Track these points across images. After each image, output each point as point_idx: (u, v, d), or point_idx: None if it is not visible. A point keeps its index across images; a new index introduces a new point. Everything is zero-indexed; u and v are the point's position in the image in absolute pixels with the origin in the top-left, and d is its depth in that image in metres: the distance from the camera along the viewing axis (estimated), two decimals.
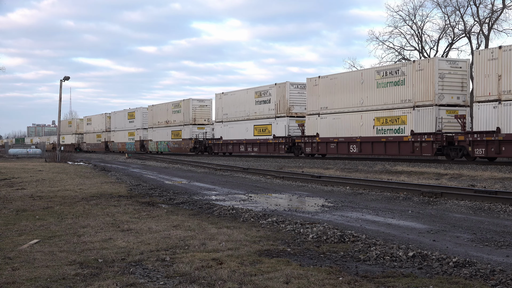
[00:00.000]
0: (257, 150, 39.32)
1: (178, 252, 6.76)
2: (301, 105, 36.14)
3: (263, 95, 38.77)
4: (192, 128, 47.91)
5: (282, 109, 36.66)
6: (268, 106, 38.20)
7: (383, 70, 28.98)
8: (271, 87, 37.92)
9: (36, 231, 8.51)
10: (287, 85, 36.44)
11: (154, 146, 54.94)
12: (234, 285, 5.27)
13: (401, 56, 50.75)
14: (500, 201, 11.46)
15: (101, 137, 70.59)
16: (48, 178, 20.74)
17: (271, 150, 37.44)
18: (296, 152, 35.51)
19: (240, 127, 41.36)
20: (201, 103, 48.83)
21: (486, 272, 5.67)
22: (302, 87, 36.37)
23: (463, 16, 47.85)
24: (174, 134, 50.85)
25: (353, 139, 30.17)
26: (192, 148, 47.13)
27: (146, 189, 15.66)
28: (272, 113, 37.74)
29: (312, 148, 33.37)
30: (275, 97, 37.25)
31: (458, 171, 20.24)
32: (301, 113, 36.16)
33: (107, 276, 5.64)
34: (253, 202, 12.56)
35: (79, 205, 11.83)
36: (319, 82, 33.00)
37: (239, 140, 41.20)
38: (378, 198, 13.02)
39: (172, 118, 51.41)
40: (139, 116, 59.33)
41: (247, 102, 40.60)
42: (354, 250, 6.91)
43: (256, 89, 39.92)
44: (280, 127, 36.85)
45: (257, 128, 39.38)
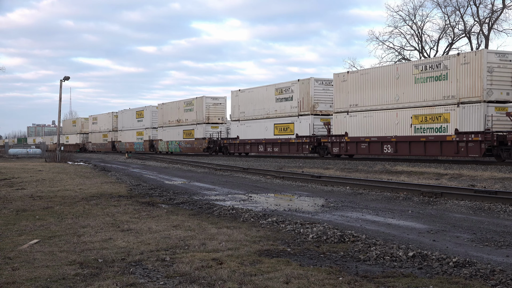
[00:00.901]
0: (277, 150, 36.94)
1: (178, 252, 6.76)
2: (326, 103, 34.03)
3: (285, 92, 36.43)
4: (205, 127, 45.85)
5: (306, 106, 34.32)
6: (290, 103, 35.85)
7: (422, 64, 26.59)
8: (294, 84, 35.63)
9: (36, 231, 8.51)
10: (311, 81, 34.09)
11: (164, 146, 52.83)
12: (234, 285, 5.27)
13: (401, 56, 50.78)
14: (500, 201, 11.45)
15: (107, 137, 68.46)
16: (48, 178, 20.74)
17: (293, 150, 35.12)
18: (321, 153, 33.26)
19: (258, 126, 38.99)
20: (215, 101, 46.76)
21: (486, 272, 5.67)
22: (327, 83, 34.28)
23: (463, 16, 47.88)
24: (186, 134, 48.95)
25: (387, 139, 27.89)
26: (205, 148, 45.17)
27: (146, 189, 15.66)
28: (294, 111, 35.37)
29: (340, 148, 31.06)
30: (298, 94, 34.94)
31: (458, 171, 20.24)
32: (326, 111, 34.03)
33: (107, 276, 5.64)
34: (253, 202, 12.56)
35: (79, 205, 11.83)
36: (348, 77, 30.64)
37: (257, 139, 38.85)
38: (378, 198, 13.02)
39: (184, 116, 49.40)
40: (148, 115, 57.12)
41: (267, 100, 38.27)
42: (354, 250, 6.91)
43: (276, 86, 37.57)
44: (303, 125, 34.52)
45: (278, 127, 37.00)
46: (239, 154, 42.50)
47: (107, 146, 68.09)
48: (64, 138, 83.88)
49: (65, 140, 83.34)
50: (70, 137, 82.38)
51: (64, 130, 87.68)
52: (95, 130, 73.21)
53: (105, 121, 69.81)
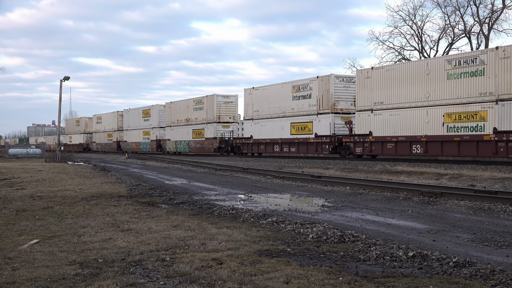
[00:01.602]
0: (294, 150, 35.21)
1: (178, 252, 6.76)
2: (347, 100, 32.62)
3: (303, 90, 34.67)
4: (216, 127, 44.36)
5: (326, 104, 32.74)
6: (308, 101, 34.11)
7: (456, 59, 24.85)
8: (312, 81, 33.91)
9: (36, 231, 8.52)
10: (331, 78, 32.52)
11: (172, 146, 51.24)
12: (234, 285, 5.27)
13: (401, 56, 50.80)
14: (500, 201, 11.46)
15: (112, 137, 66.90)
16: (48, 178, 20.74)
17: (312, 150, 33.49)
18: (342, 153, 31.59)
19: (274, 125, 37.26)
20: (226, 99, 45.27)
21: (486, 272, 5.67)
22: (348, 80, 32.91)
23: (463, 16, 47.91)
24: (195, 133, 47.40)
25: (416, 138, 26.21)
26: (216, 148, 43.62)
27: (146, 189, 15.66)
28: (313, 110, 33.66)
29: (363, 148, 29.35)
30: (317, 91, 33.29)
31: (458, 171, 20.24)
32: (346, 109, 32.64)
33: (107, 276, 5.64)
34: (253, 202, 12.56)
35: (79, 205, 11.83)
36: (373, 74, 28.93)
37: (273, 139, 37.12)
38: (378, 198, 13.02)
39: (194, 115, 47.75)
40: (155, 114, 55.38)
41: (283, 98, 36.50)
42: (354, 250, 6.91)
43: (293, 83, 35.77)
44: (323, 124, 32.91)
45: (295, 126, 35.23)
46: (251, 154, 40.89)
47: (112, 146, 66.66)
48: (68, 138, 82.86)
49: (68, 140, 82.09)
50: (74, 137, 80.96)
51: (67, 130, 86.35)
52: (100, 129, 71.69)
53: (110, 120, 68.27)
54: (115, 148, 65.37)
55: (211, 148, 44.47)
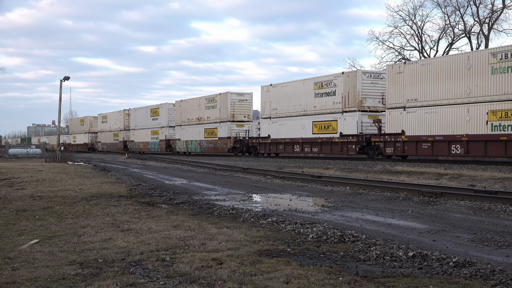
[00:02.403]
0: (317, 150, 33.34)
1: (178, 252, 6.76)
2: (374, 98, 30.75)
3: (326, 86, 32.64)
4: (230, 126, 42.33)
5: (352, 102, 30.77)
6: (332, 99, 32.15)
7: (503, 52, 22.90)
8: (337, 77, 32.00)
9: (36, 231, 8.52)
10: (358, 74, 30.64)
11: (183, 146, 49.21)
12: (234, 285, 5.27)
13: (401, 56, 50.81)
14: (500, 201, 11.46)
15: (118, 136, 64.57)
16: (48, 178, 20.74)
17: (337, 150, 31.59)
18: (370, 154, 29.63)
19: (294, 124, 35.24)
20: (241, 97, 43.16)
21: (486, 272, 5.67)
22: (375, 76, 31.07)
23: (463, 16, 47.92)
24: (208, 133, 45.43)
25: (456, 138, 24.26)
26: (231, 148, 41.70)
27: (146, 189, 15.66)
28: (338, 107, 31.71)
29: (395, 148, 27.44)
30: (342, 88, 31.32)
31: (458, 171, 20.24)
32: (374, 107, 30.78)
33: (107, 276, 5.64)
34: (253, 202, 12.56)
35: (79, 205, 11.83)
36: (405, 69, 27.01)
37: (293, 139, 35.07)
38: (378, 198, 13.02)
39: (206, 114, 45.80)
40: (164, 113, 53.11)
41: (304, 95, 34.40)
42: (354, 250, 6.91)
43: (315, 80, 33.78)
44: (349, 123, 30.96)
45: (317, 125, 33.25)
46: (267, 154, 38.98)
47: (118, 146, 64.33)
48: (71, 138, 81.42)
49: (72, 140, 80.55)
50: (78, 137, 79.07)
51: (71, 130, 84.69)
52: (105, 129, 69.47)
53: (116, 119, 66.06)
54: (121, 148, 63.15)
55: (224, 148, 42.63)
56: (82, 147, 75.97)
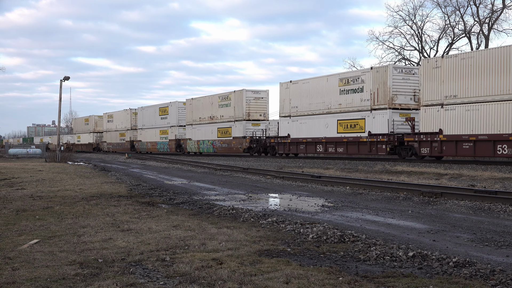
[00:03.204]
0: (342, 151, 31.40)
1: (178, 252, 6.76)
2: (406, 94, 28.84)
3: (352, 83, 30.78)
4: (245, 125, 40.40)
5: (382, 99, 28.85)
6: (360, 95, 30.24)
7: None
8: (365, 72, 30.25)
9: (36, 231, 8.52)
10: (389, 69, 28.77)
11: (194, 146, 47.30)
12: (234, 285, 5.27)
13: (401, 56, 50.83)
14: (500, 201, 11.46)
15: (125, 136, 62.48)
16: (48, 178, 20.74)
17: (364, 150, 29.82)
18: (403, 154, 27.73)
19: (316, 122, 33.33)
20: (256, 94, 41.25)
21: (486, 272, 5.67)
22: (407, 71, 29.25)
23: (463, 16, 47.93)
24: (221, 132, 43.55)
25: (503, 137, 22.45)
26: (246, 148, 39.94)
27: (146, 189, 15.66)
28: (366, 105, 29.81)
29: (431, 148, 25.57)
30: (371, 84, 29.43)
31: (458, 171, 20.24)
32: (405, 105, 28.86)
33: (107, 276, 5.64)
34: (253, 202, 12.56)
35: (79, 205, 11.83)
36: (443, 63, 25.13)
37: (315, 138, 33.16)
38: (378, 198, 13.02)
39: (219, 113, 43.93)
40: (174, 112, 51.11)
41: (328, 92, 32.44)
42: (354, 250, 6.91)
43: (341, 76, 32.11)
44: (378, 121, 29.06)
45: (343, 123, 31.40)
46: (286, 155, 37.11)
47: (125, 146, 62.15)
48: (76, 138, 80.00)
49: (77, 140, 79.11)
50: (82, 136, 77.22)
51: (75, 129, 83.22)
52: (111, 128, 67.28)
53: (122, 118, 63.91)
54: (128, 148, 61.04)
55: (240, 148, 40.83)
56: (86, 147, 74.29)
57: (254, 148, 39.73)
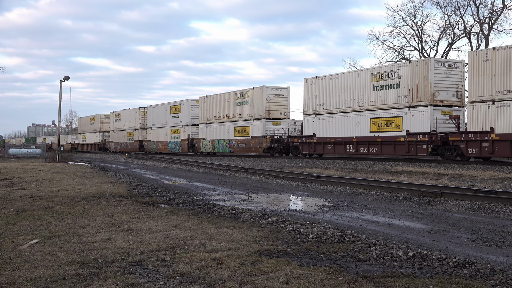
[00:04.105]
0: (376, 151, 29.31)
1: (178, 252, 6.76)
2: (448, 90, 26.80)
3: (387, 78, 28.74)
4: (265, 123, 38.40)
5: (422, 95, 26.86)
6: (396, 92, 28.21)
7: None
8: (402, 67, 28.27)
9: (36, 231, 8.52)
10: (430, 62, 26.74)
11: (208, 146, 45.28)
12: (234, 285, 5.27)
13: (401, 56, 50.83)
14: (500, 201, 11.46)
15: (133, 135, 60.47)
16: (48, 178, 20.74)
17: (402, 151, 27.73)
18: (447, 154, 25.78)
19: (346, 120, 31.39)
20: (277, 91, 39.22)
21: (486, 272, 5.67)
22: (449, 65, 27.22)
23: (463, 16, 47.93)
24: (238, 131, 41.48)
25: None
26: (266, 148, 38.03)
27: (146, 189, 15.66)
28: (403, 101, 27.80)
29: (481, 149, 23.52)
30: (409, 79, 27.44)
31: (458, 171, 20.25)
32: (447, 101, 26.78)
33: (107, 276, 5.64)
34: (253, 202, 12.56)
35: (79, 205, 11.83)
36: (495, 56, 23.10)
37: (345, 137, 31.10)
38: (378, 198, 13.02)
39: (236, 111, 41.86)
40: (186, 110, 49.08)
41: (359, 88, 30.50)
42: (354, 250, 6.91)
43: (374, 70, 30.19)
44: (418, 119, 27.03)
45: (376, 122, 29.35)
46: (309, 155, 35.00)
47: (133, 146, 60.12)
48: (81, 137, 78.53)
49: (82, 140, 77.54)
50: (88, 136, 75.30)
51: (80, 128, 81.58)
52: (118, 128, 65.12)
53: (131, 117, 61.88)
54: (137, 148, 59.08)
55: (259, 148, 38.86)
56: (92, 147, 72.58)
57: (275, 148, 37.85)
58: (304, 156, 34.80)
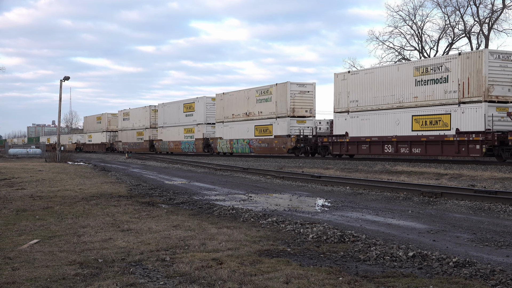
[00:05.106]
0: (420, 151, 26.78)
1: (178, 252, 6.76)
2: (503, 85, 24.32)
3: (433, 72, 26.27)
4: (290, 122, 36.18)
5: (475, 90, 24.47)
6: (443, 86, 25.72)
7: None
8: (450, 59, 25.73)
9: (36, 231, 8.52)
10: (484, 54, 24.16)
11: (226, 146, 43.05)
12: (234, 285, 5.27)
13: (401, 56, 50.83)
14: (500, 201, 11.46)
15: (143, 135, 58.31)
16: (48, 178, 20.74)
17: (450, 151, 25.30)
18: (504, 155, 23.64)
19: (383, 118, 29.00)
20: (302, 88, 36.70)
21: (486, 272, 5.67)
22: (505, 57, 24.51)
23: (463, 16, 47.93)
24: (259, 130, 39.18)
25: None
26: (291, 148, 35.95)
27: (146, 189, 15.66)
28: (452, 97, 25.29)
29: None
30: (459, 73, 25.01)
31: (458, 171, 20.25)
32: (503, 97, 24.34)
33: (107, 276, 5.64)
34: (253, 202, 12.56)
35: (79, 205, 11.83)
36: None
37: (382, 137, 28.76)
38: (378, 198, 13.03)
39: (257, 109, 39.48)
40: (201, 108, 46.68)
41: (399, 83, 28.13)
42: (354, 250, 6.91)
43: (416, 64, 27.87)
44: (469, 117, 24.65)
45: (420, 119, 26.92)
46: (337, 156, 32.55)
47: (143, 146, 58.03)
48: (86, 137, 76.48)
49: (88, 139, 75.52)
50: (94, 136, 73.17)
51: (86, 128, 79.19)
52: (127, 127, 62.82)
53: (140, 116, 59.50)
54: (147, 148, 57.02)
55: (283, 149, 36.74)
56: (99, 147, 70.44)
57: (301, 148, 35.72)
58: (334, 157, 32.56)
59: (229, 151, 43.57)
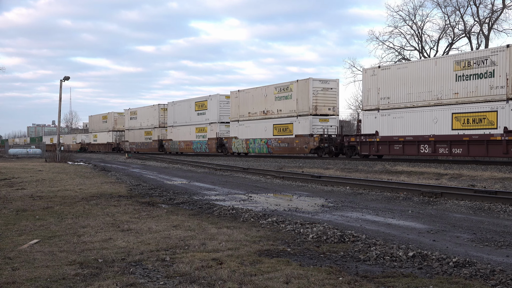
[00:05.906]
0: (460, 152, 24.53)
1: (178, 252, 6.76)
2: None
3: (477, 66, 24.14)
4: (312, 120, 34.20)
5: None
6: (488, 82, 23.54)
7: None
8: (496, 52, 23.46)
9: (36, 231, 8.52)
10: None
11: (241, 146, 40.99)
12: (234, 285, 5.27)
13: (401, 56, 50.83)
14: (500, 201, 11.46)
15: (151, 135, 56.15)
16: (48, 178, 20.74)
17: (497, 152, 23.04)
18: None
19: (419, 116, 26.85)
20: (325, 84, 34.74)
21: (486, 272, 5.67)
22: None
23: (463, 16, 47.94)
24: (278, 129, 37.32)
25: None
26: (314, 148, 33.93)
27: (146, 189, 15.66)
28: (499, 93, 23.19)
29: None
30: (508, 66, 22.79)
31: (458, 171, 20.25)
32: None
33: (107, 276, 5.64)
34: (253, 202, 12.56)
35: (79, 205, 11.83)
36: None
37: (418, 136, 26.52)
38: (378, 198, 13.03)
39: (276, 107, 37.59)
40: (214, 106, 44.58)
41: (437, 78, 25.89)
42: (354, 250, 6.91)
43: (457, 57, 25.40)
44: None
45: (461, 117, 24.77)
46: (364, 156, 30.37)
47: (151, 146, 55.94)
48: (92, 137, 74.31)
49: (93, 139, 73.36)
50: (99, 135, 70.93)
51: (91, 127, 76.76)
52: (134, 126, 60.42)
53: (148, 115, 57.27)
54: (155, 148, 54.97)
55: (305, 149, 34.72)
56: (105, 147, 68.15)
57: (325, 149, 33.72)
58: (363, 158, 30.41)
59: (244, 151, 41.67)
